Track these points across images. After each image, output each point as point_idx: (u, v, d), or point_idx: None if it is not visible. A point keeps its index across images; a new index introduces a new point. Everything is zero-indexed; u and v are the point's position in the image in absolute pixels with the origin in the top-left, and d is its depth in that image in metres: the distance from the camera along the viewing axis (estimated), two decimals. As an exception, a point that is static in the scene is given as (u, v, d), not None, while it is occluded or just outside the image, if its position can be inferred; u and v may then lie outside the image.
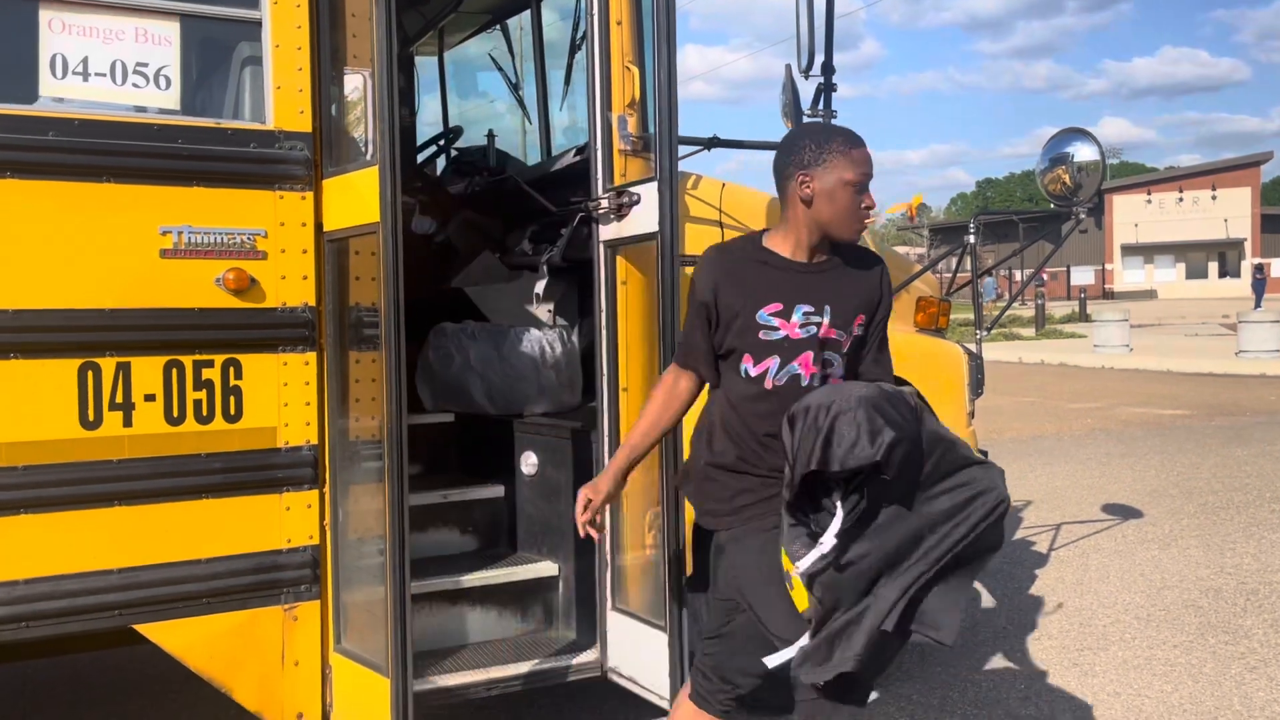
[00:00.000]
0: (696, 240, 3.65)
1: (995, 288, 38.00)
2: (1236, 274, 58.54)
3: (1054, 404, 13.13)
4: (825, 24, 3.68)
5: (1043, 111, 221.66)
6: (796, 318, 2.39)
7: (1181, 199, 59.75)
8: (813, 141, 2.40)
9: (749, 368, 2.41)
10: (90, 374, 2.70)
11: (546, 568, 3.65)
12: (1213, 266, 61.37)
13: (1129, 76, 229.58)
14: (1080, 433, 10.74)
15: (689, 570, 3.36)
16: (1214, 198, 58.50)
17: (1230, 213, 57.75)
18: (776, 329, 2.39)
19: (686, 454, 2.68)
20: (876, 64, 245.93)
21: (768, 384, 2.40)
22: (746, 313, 2.39)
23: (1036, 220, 11.56)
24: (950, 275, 5.02)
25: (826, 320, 2.40)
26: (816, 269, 2.45)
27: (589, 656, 3.42)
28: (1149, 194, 61.13)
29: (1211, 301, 46.32)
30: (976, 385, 4.29)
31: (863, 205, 2.39)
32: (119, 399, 2.74)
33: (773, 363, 2.40)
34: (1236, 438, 10.12)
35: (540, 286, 3.82)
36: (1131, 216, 60.48)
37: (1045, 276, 46.85)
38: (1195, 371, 17.24)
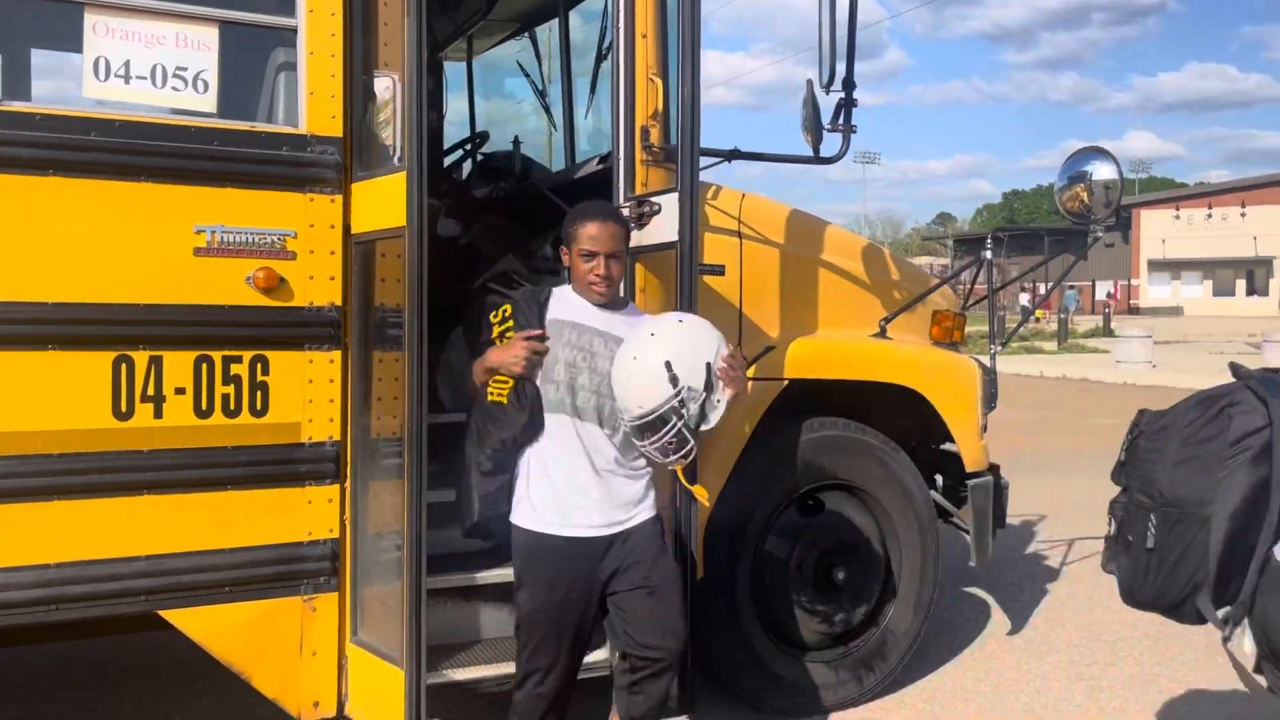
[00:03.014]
0: (715, 249, 3.72)
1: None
2: (1265, 292, 57.93)
3: (1073, 419, 13.07)
4: (847, 40, 3.73)
5: (1068, 124, 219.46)
6: None
7: (1210, 215, 59.16)
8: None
9: None
10: (124, 366, 2.79)
11: (560, 567, 3.71)
12: (1240, 284, 60.74)
13: (1156, 91, 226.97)
14: (1097, 448, 10.68)
15: (700, 573, 3.43)
16: (1243, 215, 57.87)
17: (1260, 230, 57.07)
18: None
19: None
20: (902, 72, 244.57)
21: None
22: None
23: (1061, 234, 11.55)
24: (966, 287, 5.06)
25: None
26: None
27: (598, 655, 3.47)
28: (1177, 210, 60.56)
29: (1238, 319, 45.82)
30: (989, 399, 4.33)
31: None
32: (150, 391, 2.83)
33: None
34: (1256, 458, 10.06)
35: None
36: (1159, 232, 59.94)
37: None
38: (1218, 390, 17.08)
